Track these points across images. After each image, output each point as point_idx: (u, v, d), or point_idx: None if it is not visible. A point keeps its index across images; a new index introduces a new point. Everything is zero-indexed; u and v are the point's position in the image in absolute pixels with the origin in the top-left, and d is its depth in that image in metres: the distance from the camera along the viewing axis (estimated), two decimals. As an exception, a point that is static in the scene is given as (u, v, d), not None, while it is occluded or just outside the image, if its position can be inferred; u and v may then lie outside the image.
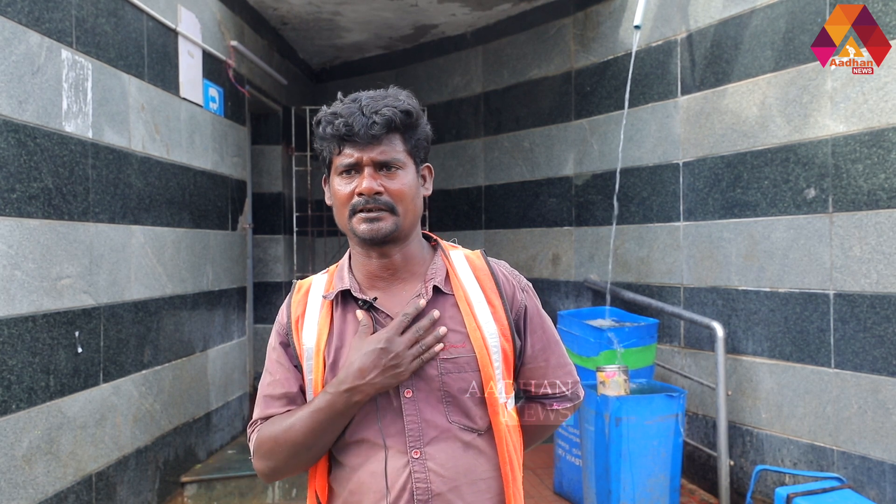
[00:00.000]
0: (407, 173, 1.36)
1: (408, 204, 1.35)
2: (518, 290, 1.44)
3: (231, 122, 5.03)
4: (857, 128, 3.34)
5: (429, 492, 1.31)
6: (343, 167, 1.34)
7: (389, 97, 1.36)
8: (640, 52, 4.50)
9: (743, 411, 3.90)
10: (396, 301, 1.37)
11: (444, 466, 1.32)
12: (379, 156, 1.32)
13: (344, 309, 1.40)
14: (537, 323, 1.46)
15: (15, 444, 2.74)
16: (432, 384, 1.33)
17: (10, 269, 2.72)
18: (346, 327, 1.38)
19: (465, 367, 1.34)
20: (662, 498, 3.59)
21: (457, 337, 1.35)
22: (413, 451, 1.32)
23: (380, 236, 1.32)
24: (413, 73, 6.73)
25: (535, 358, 1.45)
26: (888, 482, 3.22)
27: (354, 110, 1.33)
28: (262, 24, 5.78)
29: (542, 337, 1.46)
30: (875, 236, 3.26)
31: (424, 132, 1.40)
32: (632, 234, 4.66)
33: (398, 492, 1.31)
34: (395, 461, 1.32)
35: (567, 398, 1.50)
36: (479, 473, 1.35)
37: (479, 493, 1.35)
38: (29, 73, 2.84)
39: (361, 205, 1.32)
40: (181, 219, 4.18)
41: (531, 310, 1.45)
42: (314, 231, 7.10)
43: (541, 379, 1.47)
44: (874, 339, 3.27)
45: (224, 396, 4.87)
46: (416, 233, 1.42)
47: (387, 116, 1.31)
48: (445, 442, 1.33)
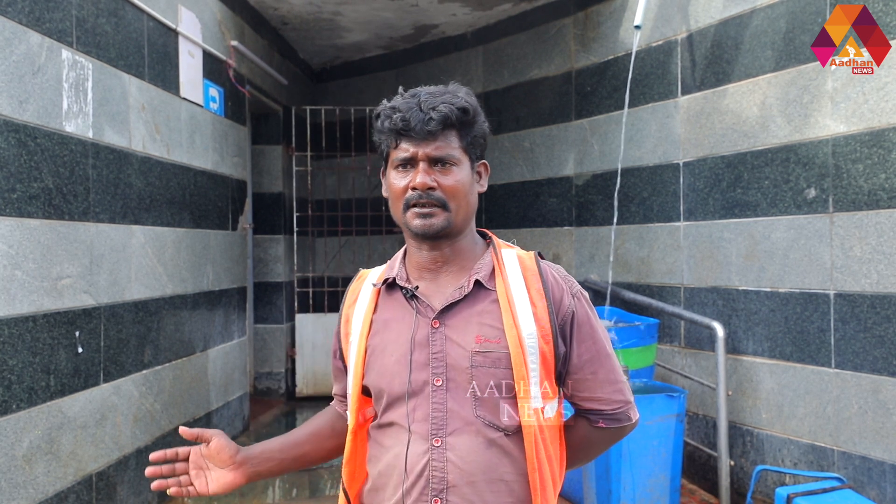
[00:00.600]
0: (461, 170, 1.37)
1: (460, 200, 1.36)
2: (567, 294, 1.40)
3: (231, 122, 5.03)
4: (858, 128, 3.34)
5: (444, 482, 1.32)
6: (399, 161, 1.37)
7: (448, 93, 1.37)
8: (640, 52, 4.50)
9: (743, 411, 3.90)
10: (439, 292, 1.39)
11: (463, 459, 1.32)
12: (434, 151, 1.34)
13: (390, 297, 1.44)
14: (586, 332, 1.40)
15: (15, 443, 2.74)
16: (462, 375, 1.34)
17: (10, 269, 2.72)
18: (387, 314, 1.43)
19: (496, 363, 1.33)
20: (663, 498, 3.59)
21: (492, 332, 1.34)
22: (434, 440, 1.33)
23: (432, 231, 1.35)
24: (413, 73, 6.73)
25: (581, 368, 1.40)
26: (888, 482, 3.22)
27: (412, 105, 1.34)
28: (263, 24, 5.79)
29: (590, 347, 1.40)
30: (875, 236, 3.26)
31: (481, 129, 1.41)
32: (632, 234, 4.66)
33: (415, 477, 1.33)
34: (416, 446, 1.34)
35: (615, 418, 1.43)
36: (502, 474, 1.33)
37: (499, 495, 1.33)
38: (29, 73, 2.84)
39: (415, 199, 1.35)
40: (181, 219, 4.19)
41: (580, 317, 1.40)
42: (314, 231, 7.10)
43: (586, 392, 1.41)
44: (874, 340, 3.27)
45: (224, 396, 4.87)
46: (469, 228, 1.43)
47: (443, 113, 1.33)
48: (468, 435, 1.33)
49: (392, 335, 1.40)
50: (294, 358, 6.48)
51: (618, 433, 1.46)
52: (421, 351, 1.36)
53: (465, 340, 1.35)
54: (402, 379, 1.36)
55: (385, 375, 1.38)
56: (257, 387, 6.40)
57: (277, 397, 6.42)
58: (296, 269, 6.64)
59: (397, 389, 1.37)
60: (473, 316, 1.36)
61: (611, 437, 1.47)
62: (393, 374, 1.37)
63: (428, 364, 1.35)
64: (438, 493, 1.32)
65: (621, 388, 1.43)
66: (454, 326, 1.36)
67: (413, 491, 1.33)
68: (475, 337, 1.34)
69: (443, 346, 1.35)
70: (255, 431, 5.35)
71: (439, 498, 1.32)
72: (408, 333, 1.38)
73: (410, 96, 1.37)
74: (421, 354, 1.36)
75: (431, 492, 1.32)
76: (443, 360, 1.35)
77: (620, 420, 1.44)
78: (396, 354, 1.38)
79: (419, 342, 1.36)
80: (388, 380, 1.38)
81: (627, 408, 1.44)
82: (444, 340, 1.35)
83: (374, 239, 6.96)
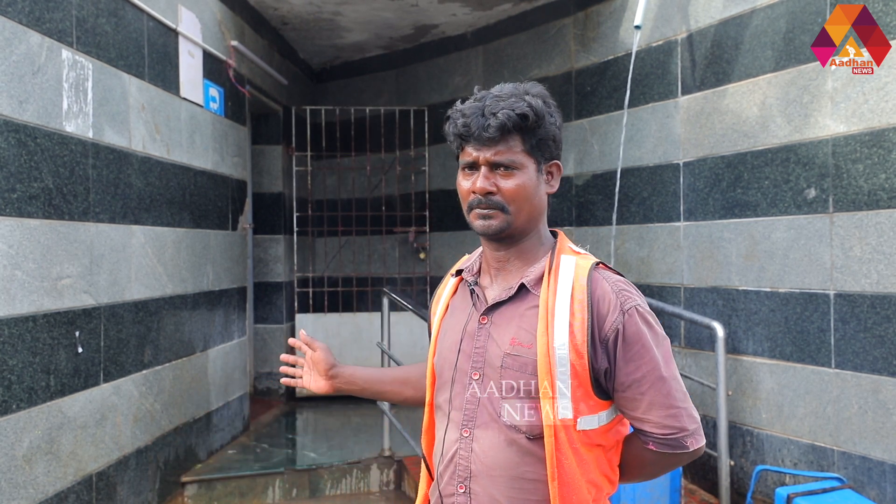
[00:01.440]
0: (524, 173, 1.38)
1: (521, 203, 1.38)
2: (617, 310, 1.33)
3: (231, 122, 5.03)
4: (858, 128, 3.34)
5: (468, 470, 1.38)
6: (464, 164, 1.42)
7: (514, 97, 1.37)
8: (640, 52, 4.50)
9: (743, 411, 3.90)
10: (496, 288, 1.45)
11: (485, 453, 1.37)
12: (494, 156, 1.36)
13: (464, 285, 1.52)
14: (636, 351, 1.33)
15: (15, 443, 2.74)
16: (495, 373, 1.38)
17: (10, 269, 2.72)
18: (457, 302, 1.51)
19: (523, 368, 1.35)
20: (662, 498, 3.59)
21: (526, 337, 1.36)
22: (464, 430, 1.39)
23: (490, 232, 1.39)
24: (413, 73, 6.74)
25: (628, 387, 1.34)
26: (888, 482, 3.22)
27: (476, 110, 1.37)
28: (263, 24, 5.79)
29: (639, 367, 1.33)
30: (875, 236, 3.26)
31: (549, 131, 1.40)
32: (632, 234, 4.66)
33: (447, 462, 1.42)
34: (451, 432, 1.42)
35: (666, 444, 1.36)
36: (524, 473, 1.34)
37: (524, 492, 1.34)
38: (29, 73, 2.84)
39: (476, 202, 1.39)
40: (181, 219, 4.19)
41: (630, 335, 1.32)
42: (314, 231, 7.10)
43: (634, 412, 1.36)
44: (874, 340, 3.27)
45: (224, 396, 4.87)
46: (534, 230, 1.44)
47: (501, 120, 1.34)
48: (492, 430, 1.37)
49: (454, 321, 1.49)
50: (294, 358, 6.46)
51: (673, 459, 1.39)
52: (468, 342, 1.43)
53: (503, 340, 1.38)
54: (450, 365, 1.45)
55: (441, 358, 1.48)
56: (257, 387, 6.40)
57: (277, 397, 6.42)
58: (296, 269, 6.64)
59: (446, 374, 1.46)
60: (514, 318, 1.39)
61: (665, 462, 1.40)
62: (445, 358, 1.46)
63: (471, 356, 1.42)
64: (464, 480, 1.38)
65: (676, 415, 1.35)
66: (498, 325, 1.40)
67: (445, 474, 1.42)
68: (511, 339, 1.38)
69: (485, 341, 1.40)
70: (256, 431, 5.35)
71: (464, 485, 1.38)
72: (463, 323, 1.46)
73: (478, 99, 1.40)
74: (468, 345, 1.42)
75: (458, 478, 1.39)
76: (482, 356, 1.40)
77: (673, 447, 1.36)
78: (451, 341, 1.46)
79: (469, 333, 1.43)
80: (441, 363, 1.48)
81: (682, 436, 1.35)
82: (486, 337, 1.41)
83: (374, 239, 6.96)
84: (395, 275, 6.85)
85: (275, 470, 4.44)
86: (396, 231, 6.76)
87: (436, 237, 6.64)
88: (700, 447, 1.39)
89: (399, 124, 6.65)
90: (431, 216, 6.64)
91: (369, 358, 6.35)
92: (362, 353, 6.43)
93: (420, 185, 6.68)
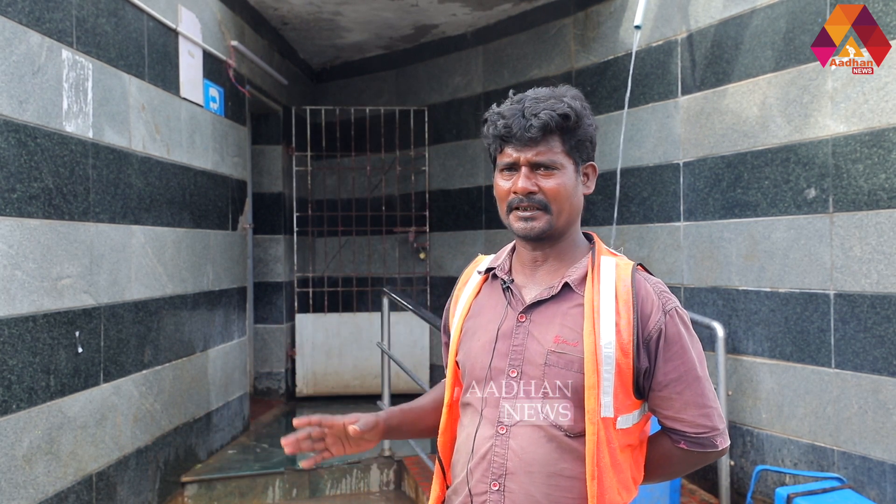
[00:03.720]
0: (564, 173, 1.40)
1: (562, 203, 1.40)
2: (659, 310, 1.38)
3: (231, 122, 5.03)
4: (858, 128, 3.34)
5: (503, 468, 1.37)
6: (504, 166, 1.42)
7: (552, 98, 1.39)
8: (640, 52, 4.50)
9: (743, 411, 3.90)
10: (533, 287, 1.45)
11: (524, 450, 1.36)
12: (535, 157, 1.38)
13: (492, 285, 1.52)
14: (675, 351, 1.37)
15: (15, 443, 2.74)
16: (536, 371, 1.38)
17: (10, 269, 2.72)
18: (484, 301, 1.51)
19: (569, 366, 1.36)
20: (662, 498, 3.59)
21: (571, 335, 1.37)
22: (499, 427, 1.39)
23: (533, 234, 1.40)
24: (413, 73, 6.73)
25: (665, 387, 1.38)
26: (888, 482, 3.22)
27: (516, 111, 1.38)
28: (263, 24, 5.79)
29: (678, 367, 1.38)
30: (875, 236, 3.26)
31: (586, 132, 1.43)
32: (632, 234, 4.66)
33: (478, 459, 1.40)
34: (484, 430, 1.41)
35: (698, 442, 1.41)
36: (562, 470, 1.35)
37: (561, 490, 1.35)
38: (29, 73, 2.84)
39: (517, 203, 1.40)
40: (181, 219, 4.18)
41: (670, 335, 1.37)
42: (314, 231, 7.10)
43: (670, 411, 1.40)
44: (874, 340, 3.27)
45: (224, 396, 4.87)
46: (572, 230, 1.46)
47: (543, 120, 1.36)
48: (531, 428, 1.37)
49: (483, 321, 1.47)
50: (294, 358, 6.48)
51: (701, 457, 1.43)
52: (504, 341, 1.42)
53: (545, 338, 1.39)
54: (483, 364, 1.43)
55: (470, 358, 1.46)
56: (257, 387, 6.40)
57: (277, 397, 6.42)
58: (296, 269, 6.64)
59: (478, 373, 1.44)
60: (557, 316, 1.40)
61: (693, 460, 1.44)
62: (476, 357, 1.45)
63: (507, 354, 1.41)
64: (498, 478, 1.37)
65: (709, 414, 1.40)
66: (538, 323, 1.40)
67: (476, 471, 1.40)
68: (554, 336, 1.38)
69: (524, 339, 1.40)
70: (255, 432, 5.35)
71: (498, 482, 1.37)
72: (496, 322, 1.44)
73: (516, 102, 1.41)
74: (503, 344, 1.42)
75: (492, 475, 1.38)
76: (521, 354, 1.40)
77: (704, 445, 1.41)
78: (483, 340, 1.45)
79: (504, 332, 1.43)
80: (472, 362, 1.46)
81: (713, 434, 1.40)
82: (526, 335, 1.40)
83: (374, 239, 6.96)
84: (395, 275, 6.85)
85: (275, 470, 4.44)
86: (396, 231, 6.76)
87: (436, 237, 6.64)
88: (727, 446, 1.44)
89: (399, 124, 6.65)
90: (431, 216, 6.64)
91: (369, 358, 6.36)
92: (362, 353, 6.43)
93: (420, 185, 6.68)
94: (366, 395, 6.32)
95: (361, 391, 6.41)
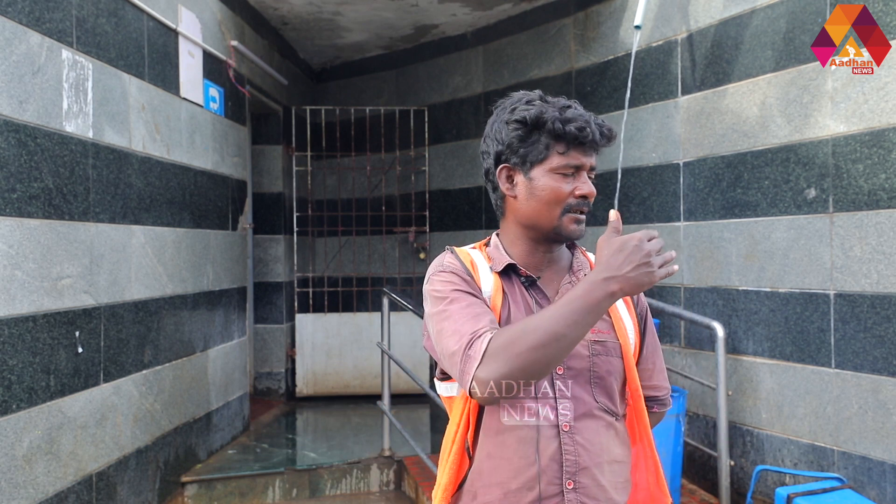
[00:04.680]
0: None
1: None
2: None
3: (231, 122, 5.03)
4: (858, 128, 3.34)
5: (576, 464, 1.38)
6: (568, 167, 1.42)
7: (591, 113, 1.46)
8: (640, 52, 4.50)
9: (743, 411, 3.90)
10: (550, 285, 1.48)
11: (590, 442, 1.40)
12: (594, 163, 1.45)
13: (509, 281, 1.47)
14: (650, 325, 1.54)
15: (15, 443, 2.74)
16: (582, 363, 1.41)
17: (10, 269, 2.72)
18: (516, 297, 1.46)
19: (612, 352, 1.42)
20: (663, 498, 3.59)
21: (603, 324, 1.44)
22: (563, 425, 1.39)
23: (582, 236, 1.45)
24: (413, 73, 6.73)
25: (646, 359, 1.53)
26: (889, 482, 3.22)
27: (586, 117, 1.42)
28: (263, 24, 5.79)
29: (652, 340, 1.54)
30: (875, 236, 3.26)
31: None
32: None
33: (547, 461, 1.38)
34: (546, 431, 1.40)
35: (664, 402, 1.57)
36: (616, 455, 1.43)
37: (615, 475, 1.42)
38: (29, 73, 2.84)
39: (578, 206, 1.42)
40: (181, 219, 4.18)
41: (646, 309, 1.55)
42: (314, 231, 7.10)
43: (648, 380, 1.53)
44: (874, 340, 3.27)
45: (224, 396, 4.87)
46: None
47: (613, 132, 1.45)
48: (592, 419, 1.41)
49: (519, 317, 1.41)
50: (294, 358, 6.48)
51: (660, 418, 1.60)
52: None
53: None
54: None
55: None
56: (257, 387, 6.40)
57: (277, 397, 6.42)
58: (296, 269, 6.64)
59: None
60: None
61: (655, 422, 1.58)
62: None
63: None
64: (572, 476, 1.38)
65: (667, 376, 1.59)
66: None
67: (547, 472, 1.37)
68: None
69: None
70: (256, 431, 5.35)
71: (572, 480, 1.38)
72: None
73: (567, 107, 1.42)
74: None
75: (565, 474, 1.38)
76: None
77: (666, 404, 1.57)
78: None
79: None
80: None
81: (669, 392, 1.59)
82: None
83: (374, 239, 6.96)
84: (395, 275, 6.85)
85: (275, 470, 4.44)
86: (396, 231, 6.76)
87: (436, 237, 6.63)
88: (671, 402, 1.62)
89: (399, 124, 6.65)
90: (431, 216, 6.64)
91: (369, 358, 6.36)
92: (362, 353, 6.43)
93: (420, 185, 6.68)
94: (366, 395, 6.32)
95: (361, 391, 6.41)
